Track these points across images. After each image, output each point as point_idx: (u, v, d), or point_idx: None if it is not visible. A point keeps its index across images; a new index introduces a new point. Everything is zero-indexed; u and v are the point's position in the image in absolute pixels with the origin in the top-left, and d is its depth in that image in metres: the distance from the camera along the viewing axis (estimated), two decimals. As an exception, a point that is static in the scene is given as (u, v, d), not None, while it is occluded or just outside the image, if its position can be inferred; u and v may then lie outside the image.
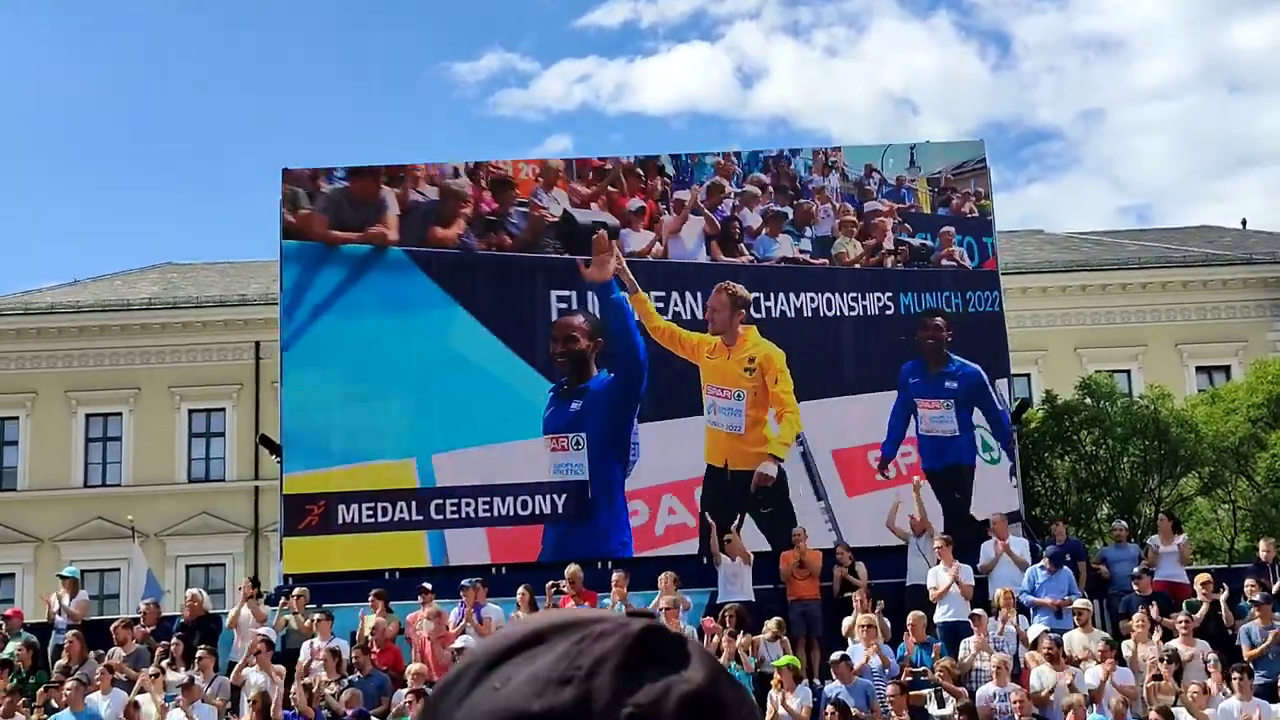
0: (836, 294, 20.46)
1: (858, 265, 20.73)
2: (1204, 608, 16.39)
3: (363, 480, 20.23)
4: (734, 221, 20.38)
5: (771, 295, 20.32)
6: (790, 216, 20.64)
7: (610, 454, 20.09)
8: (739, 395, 19.95)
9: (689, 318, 20.05)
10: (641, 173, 20.75)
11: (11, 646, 17.09)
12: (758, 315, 20.07)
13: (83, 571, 24.06)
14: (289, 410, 20.64)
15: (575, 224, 20.12)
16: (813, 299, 20.33)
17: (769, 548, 18.78)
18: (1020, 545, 17.90)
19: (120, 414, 36.93)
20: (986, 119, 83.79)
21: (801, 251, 20.65)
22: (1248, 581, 16.62)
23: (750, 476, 20.08)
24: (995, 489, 20.25)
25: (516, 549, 20.09)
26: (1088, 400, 23.87)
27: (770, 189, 20.66)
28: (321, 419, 20.40)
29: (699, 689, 0.88)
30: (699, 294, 20.15)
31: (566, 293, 20.21)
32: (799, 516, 19.56)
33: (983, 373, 20.55)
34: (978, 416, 20.49)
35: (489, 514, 20.21)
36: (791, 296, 20.34)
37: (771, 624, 16.34)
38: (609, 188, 20.40)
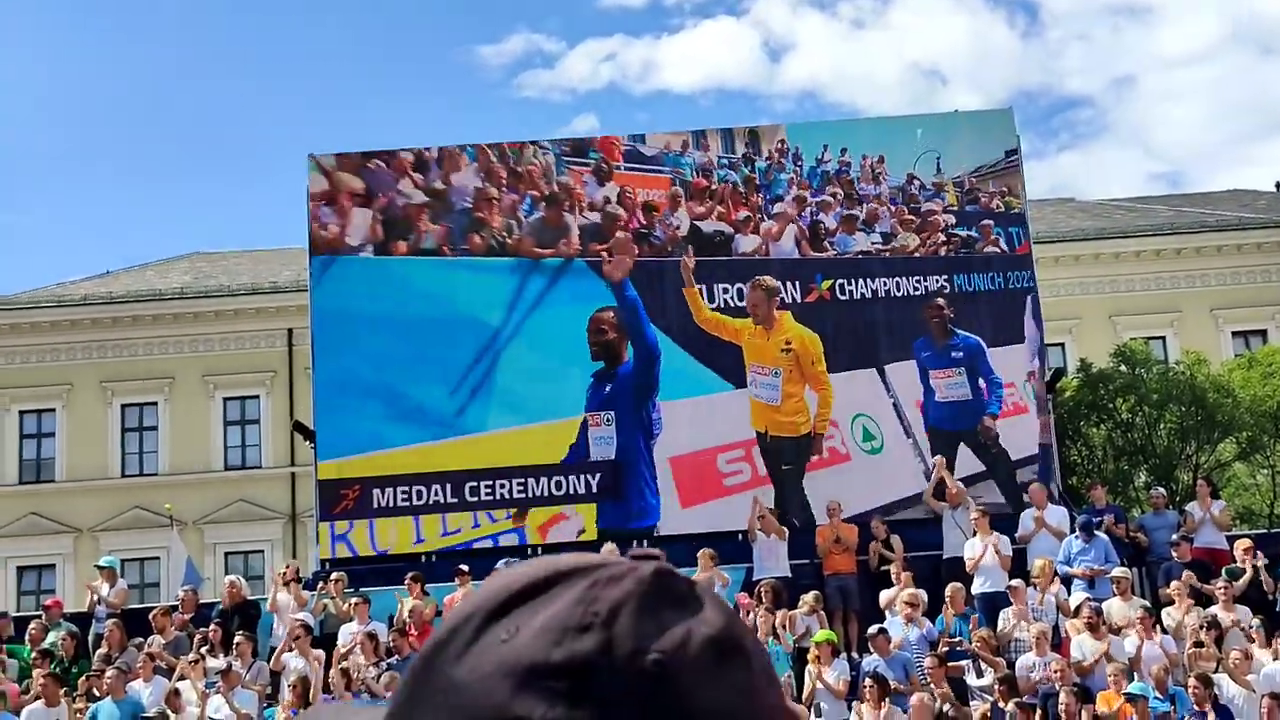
0: (903, 278, 21.95)
1: (917, 254, 22.02)
2: (1245, 574, 16.26)
3: (398, 464, 20.30)
4: (818, 224, 22.26)
5: (852, 280, 21.93)
6: (860, 217, 22.30)
7: (637, 432, 20.76)
8: (776, 373, 21.20)
9: (791, 301, 21.70)
10: (743, 190, 22.34)
11: (53, 636, 17.21)
12: (842, 298, 21.79)
13: (122, 561, 24.22)
14: (321, 397, 20.71)
15: (702, 234, 21.97)
16: (885, 282, 21.94)
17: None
18: (1058, 514, 17.79)
19: (155, 403, 37.12)
20: (1016, 87, 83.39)
21: (873, 244, 22.24)
22: (1288, 545, 16.51)
23: (784, 441, 20.98)
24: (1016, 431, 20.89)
25: (552, 528, 20.15)
26: (1123, 368, 23.71)
27: (840, 196, 22.37)
28: (354, 404, 20.45)
29: (720, 632, 0.83)
30: (796, 282, 21.80)
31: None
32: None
33: (981, 342, 21.36)
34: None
35: (523, 494, 20.25)
36: (869, 280, 21.99)
37: (808, 598, 16.33)
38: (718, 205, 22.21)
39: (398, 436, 20.42)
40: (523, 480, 20.35)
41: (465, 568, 17.12)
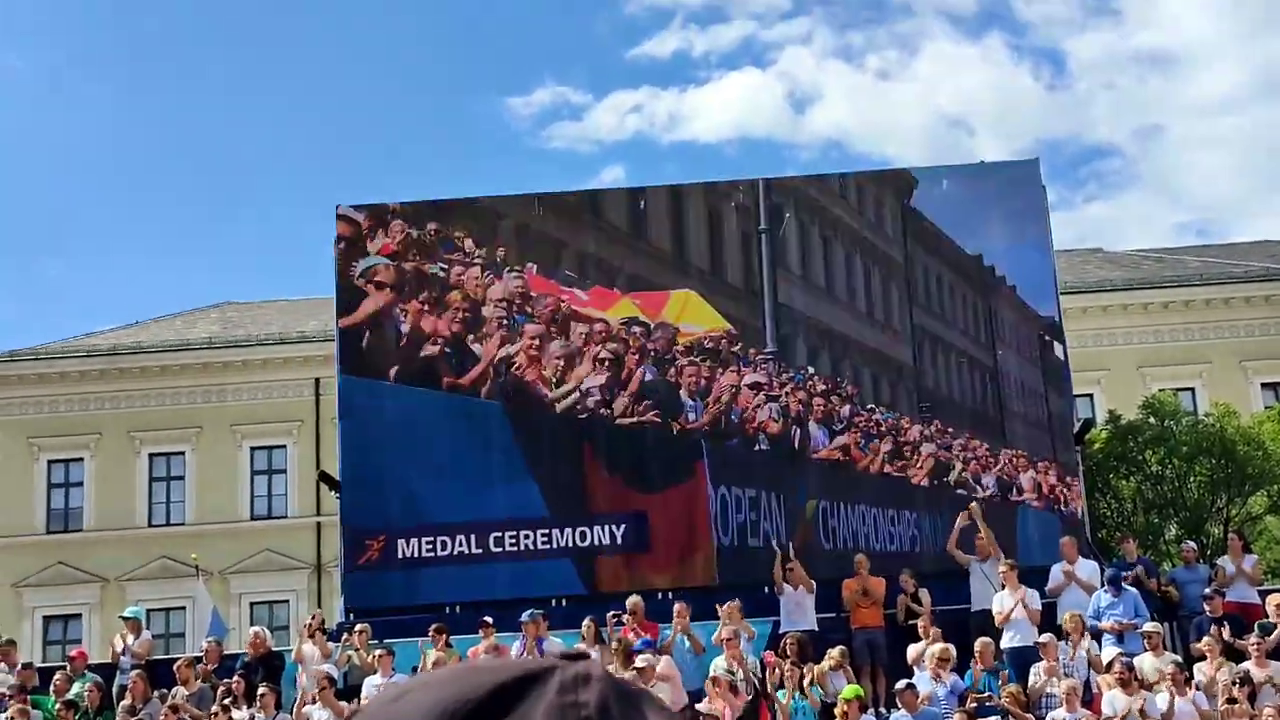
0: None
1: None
2: (1278, 629, 16.07)
3: (421, 515, 20.28)
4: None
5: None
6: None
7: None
8: None
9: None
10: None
11: (78, 687, 17.20)
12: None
13: (148, 611, 24.25)
14: (347, 451, 20.72)
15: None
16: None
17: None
18: (1088, 568, 17.63)
19: (183, 453, 37.26)
20: (1043, 138, 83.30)
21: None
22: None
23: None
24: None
25: (574, 580, 20.06)
26: (1152, 419, 23.56)
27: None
28: (378, 458, 20.45)
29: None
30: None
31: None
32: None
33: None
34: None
35: (548, 545, 20.19)
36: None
37: (834, 653, 16.15)
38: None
39: (423, 491, 20.42)
40: (546, 531, 20.28)
41: (489, 619, 17.05)
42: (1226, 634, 15.91)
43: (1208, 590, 17.04)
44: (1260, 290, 36.67)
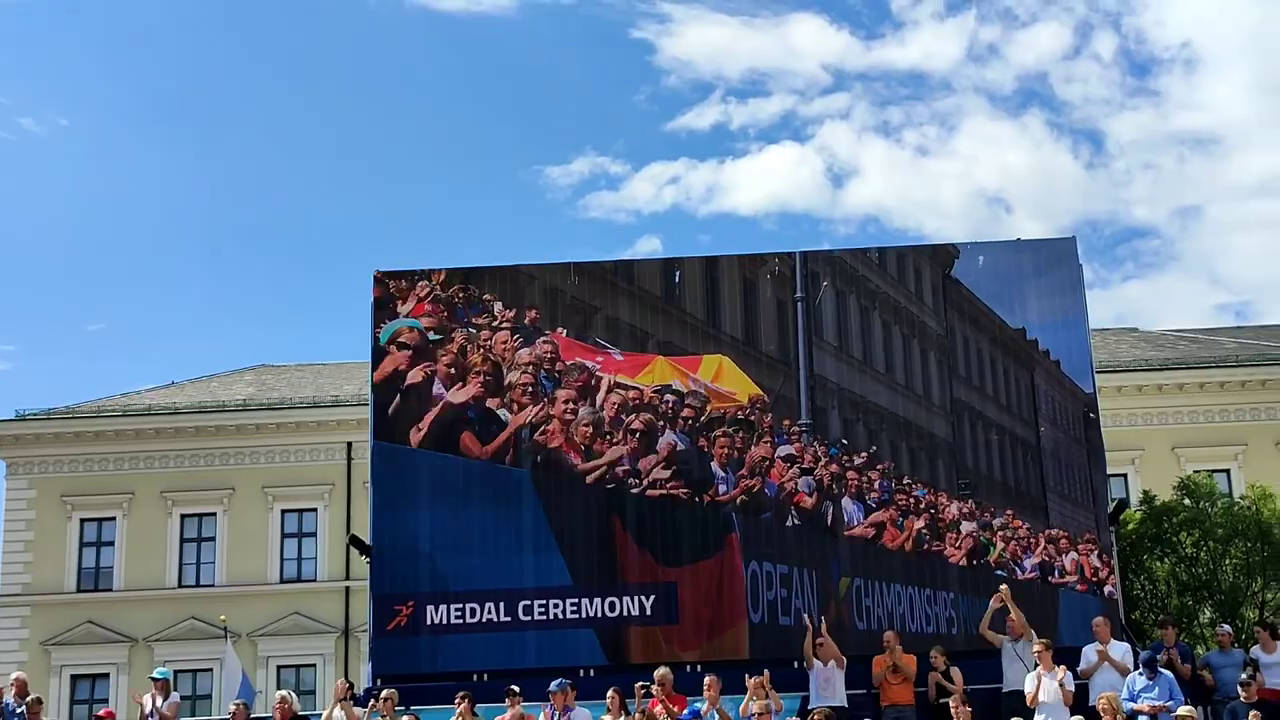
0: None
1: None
2: (1313, 715, 15.89)
3: (450, 582, 20.24)
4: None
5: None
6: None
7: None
8: None
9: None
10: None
11: (104, 747, 17.18)
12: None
13: (176, 672, 24.25)
14: (377, 515, 20.71)
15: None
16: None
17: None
18: (1121, 649, 17.46)
19: (214, 514, 37.39)
20: (1081, 216, 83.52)
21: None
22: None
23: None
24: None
25: (606, 650, 19.96)
26: (1186, 501, 23.37)
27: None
28: (408, 523, 20.44)
29: None
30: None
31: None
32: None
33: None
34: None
35: (576, 615, 20.11)
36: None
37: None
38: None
39: (453, 556, 20.37)
40: (576, 600, 20.20)
41: (516, 688, 16.97)
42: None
43: (1244, 675, 16.86)
44: (1296, 373, 36.48)
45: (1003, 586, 18.68)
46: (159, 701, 18.30)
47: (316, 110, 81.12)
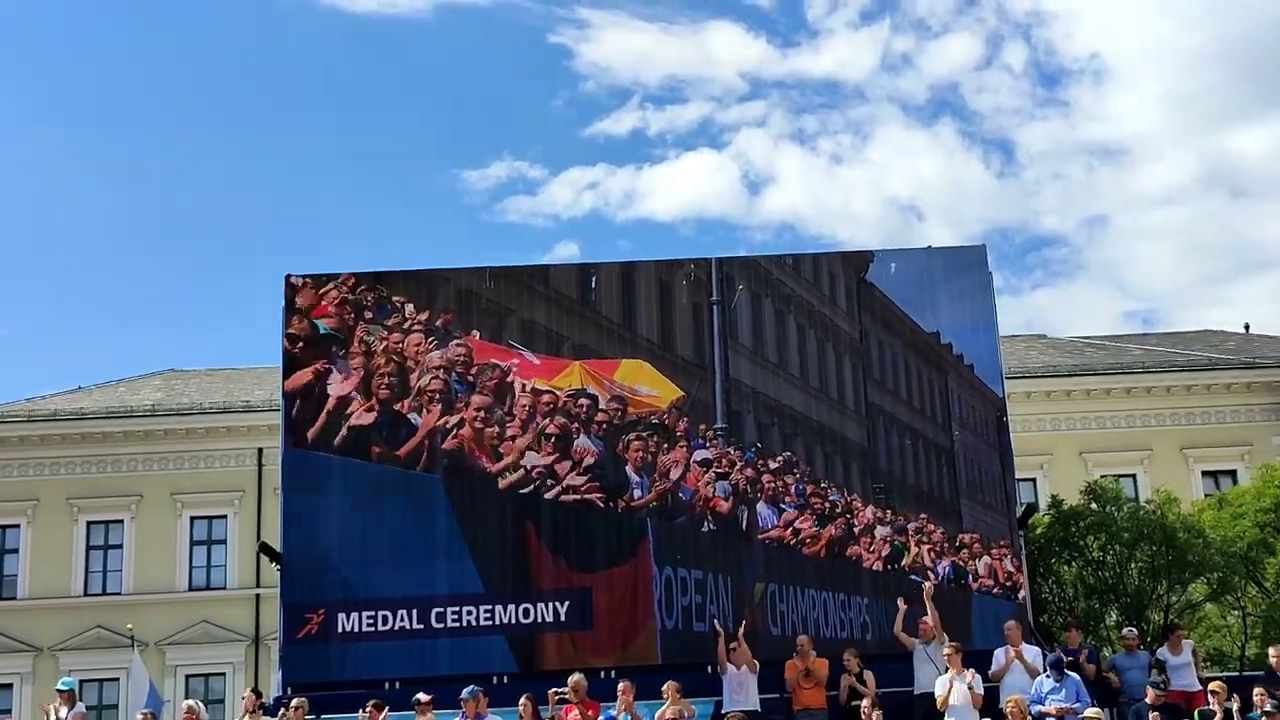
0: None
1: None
2: (1217, 716, 16.13)
3: (362, 589, 20.04)
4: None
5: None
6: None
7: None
8: None
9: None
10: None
11: (7, 759, 16.85)
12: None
13: (82, 681, 23.82)
14: (288, 522, 20.45)
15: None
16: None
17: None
18: (1032, 652, 17.66)
19: (122, 521, 36.81)
20: (992, 224, 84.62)
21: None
22: (1256, 690, 16.32)
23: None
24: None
25: (518, 658, 19.86)
26: (1093, 505, 23.68)
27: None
28: (322, 530, 20.22)
29: None
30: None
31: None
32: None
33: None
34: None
35: (490, 622, 20.00)
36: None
37: (777, 730, 15.99)
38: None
39: (365, 562, 20.16)
40: (490, 606, 20.09)
41: (424, 696, 16.80)
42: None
43: (1154, 677, 17.12)
44: (1201, 379, 37.17)
45: (925, 584, 18.87)
46: (64, 712, 17.98)
47: (226, 112, 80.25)
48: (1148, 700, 16.75)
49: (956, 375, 22.00)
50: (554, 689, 16.96)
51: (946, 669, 16.89)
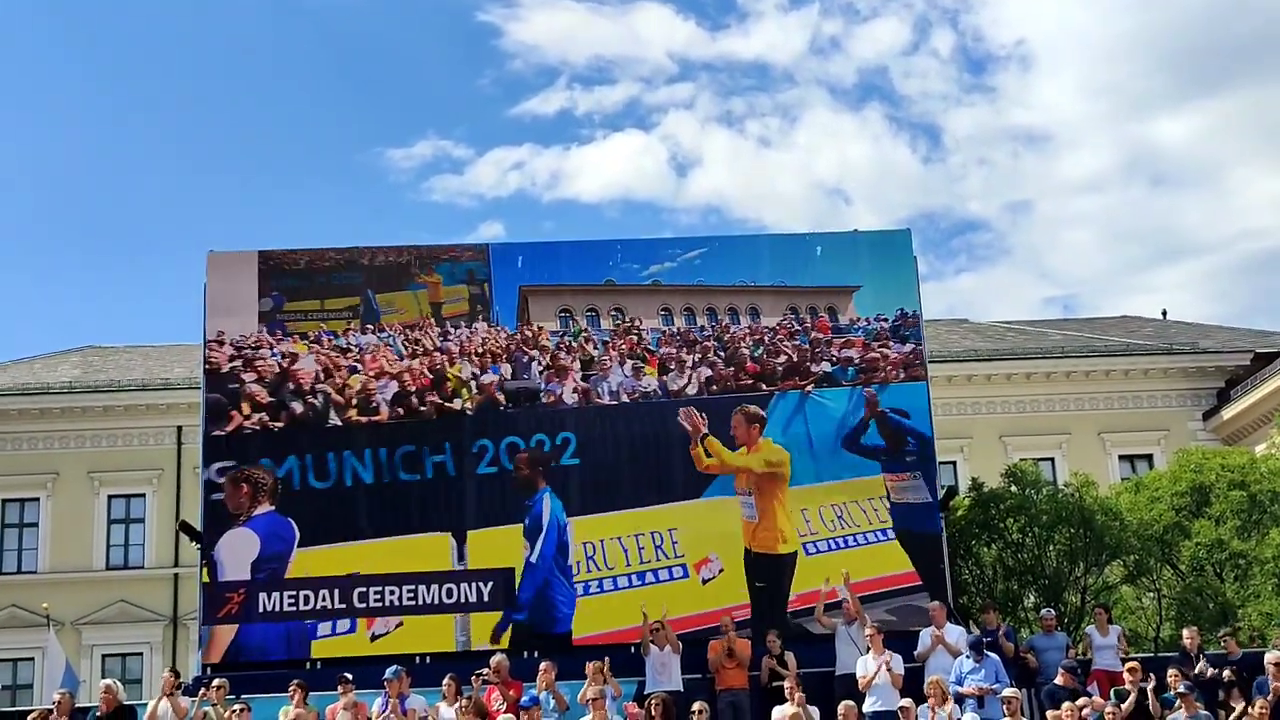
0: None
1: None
2: (1131, 696, 16.39)
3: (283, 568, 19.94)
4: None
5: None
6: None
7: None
8: (749, 492, 20.84)
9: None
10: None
11: (-82, 740, 16.57)
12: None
13: (-5, 661, 23.47)
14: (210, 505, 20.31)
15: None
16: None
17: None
18: (956, 633, 17.84)
19: (38, 499, 36.27)
20: (917, 209, 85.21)
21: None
22: (1170, 671, 16.63)
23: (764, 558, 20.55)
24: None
25: (440, 638, 19.82)
26: (1013, 488, 23.92)
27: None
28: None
29: None
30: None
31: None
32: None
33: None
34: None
35: (413, 602, 19.94)
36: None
37: (696, 707, 15.95)
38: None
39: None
40: (413, 586, 20.04)
41: (349, 675, 16.74)
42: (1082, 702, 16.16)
43: (1069, 660, 17.37)
44: (1120, 365, 37.69)
45: (844, 571, 18.98)
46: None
47: (146, 90, 79.14)
48: (1058, 681, 16.99)
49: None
50: (476, 671, 16.94)
51: (868, 649, 17.02)
